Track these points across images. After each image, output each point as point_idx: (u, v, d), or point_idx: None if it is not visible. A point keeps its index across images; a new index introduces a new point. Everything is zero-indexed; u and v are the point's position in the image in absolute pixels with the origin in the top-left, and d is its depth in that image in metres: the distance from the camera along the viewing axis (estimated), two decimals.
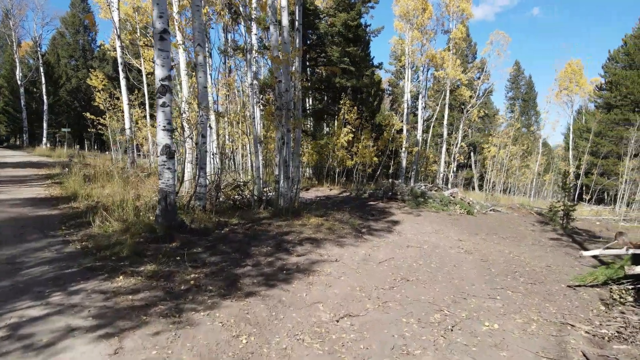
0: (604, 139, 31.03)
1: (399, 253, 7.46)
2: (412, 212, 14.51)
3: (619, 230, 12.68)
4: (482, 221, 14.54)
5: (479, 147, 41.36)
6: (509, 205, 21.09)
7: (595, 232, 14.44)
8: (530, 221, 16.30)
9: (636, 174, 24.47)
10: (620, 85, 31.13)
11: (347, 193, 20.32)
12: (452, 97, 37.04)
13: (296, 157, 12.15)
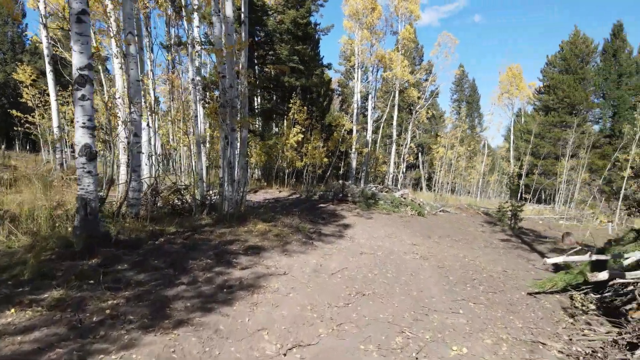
0: (544, 140, 32.30)
1: (353, 262, 6.92)
2: (364, 214, 14.10)
3: (565, 231, 12.88)
4: (433, 222, 14.38)
5: (427, 147, 42.08)
6: (457, 205, 21.27)
7: (540, 232, 14.67)
8: (479, 221, 16.38)
9: (574, 173, 25.52)
10: (557, 89, 32.55)
11: (297, 195, 19.70)
12: (400, 98, 37.35)
13: (242, 158, 11.37)
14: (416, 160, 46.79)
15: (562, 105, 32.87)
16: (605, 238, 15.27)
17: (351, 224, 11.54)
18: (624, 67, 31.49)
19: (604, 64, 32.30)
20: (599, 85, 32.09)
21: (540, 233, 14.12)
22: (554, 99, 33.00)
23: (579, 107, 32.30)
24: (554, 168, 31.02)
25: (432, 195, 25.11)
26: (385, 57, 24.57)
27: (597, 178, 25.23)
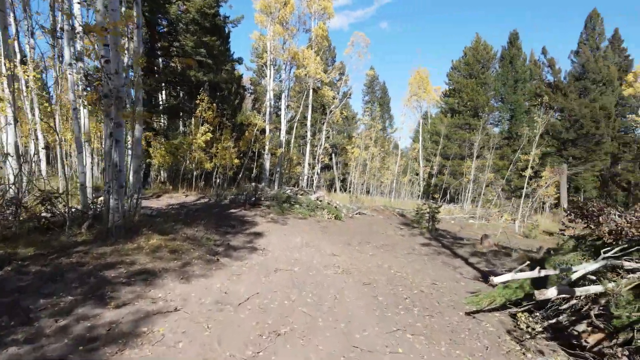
0: (450, 142, 33.58)
1: (266, 283, 5.81)
2: (278, 220, 13.03)
3: (484, 234, 12.83)
4: (351, 226, 13.70)
5: (340, 148, 42.09)
6: (373, 207, 20.99)
7: (456, 233, 14.64)
8: (396, 223, 16.07)
9: (479, 173, 26.62)
10: (462, 92, 34.01)
11: (206, 199, 18.13)
12: (314, 98, 36.82)
13: (136, 159, 9.72)
14: (330, 161, 46.74)
15: (466, 108, 34.45)
16: (515, 237, 15.71)
17: (265, 232, 10.40)
18: (520, 74, 33.82)
19: (502, 70, 34.46)
20: (498, 90, 34.16)
21: (457, 234, 14.06)
22: (459, 101, 34.49)
23: (481, 110, 34.06)
24: (461, 168, 32.34)
25: (347, 196, 24.72)
26: (299, 54, 23.70)
27: (499, 178, 26.53)
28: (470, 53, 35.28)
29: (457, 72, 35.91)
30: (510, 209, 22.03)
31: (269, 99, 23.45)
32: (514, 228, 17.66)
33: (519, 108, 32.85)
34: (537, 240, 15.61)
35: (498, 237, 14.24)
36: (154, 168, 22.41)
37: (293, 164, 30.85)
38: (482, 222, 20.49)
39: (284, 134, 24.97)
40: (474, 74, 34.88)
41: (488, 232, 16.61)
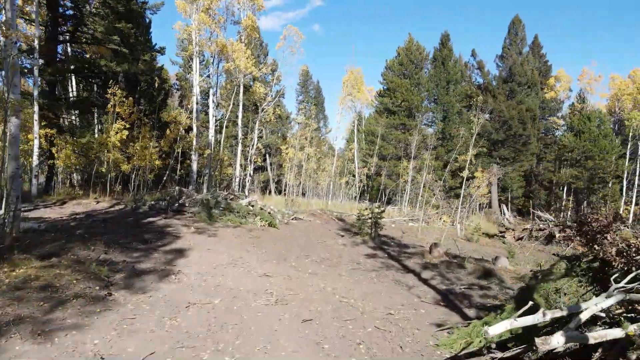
0: (385, 142, 33.19)
1: (170, 330, 4.26)
2: (205, 230, 11.36)
3: (433, 242, 11.91)
4: (287, 234, 12.30)
5: (275, 149, 40.49)
6: (310, 211, 19.74)
7: (399, 239, 13.71)
8: (335, 229, 14.89)
9: (417, 174, 26.26)
10: (396, 92, 33.77)
11: (122, 206, 15.97)
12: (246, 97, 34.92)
13: (13, 162, 7.66)
14: (264, 162, 44.97)
15: (401, 108, 34.28)
16: (459, 240, 15.08)
17: (186, 247, 8.72)
18: (452, 75, 34.22)
19: (434, 71, 34.70)
20: (431, 91, 34.28)
21: (401, 241, 13.12)
22: (393, 101, 34.23)
23: (416, 110, 34.03)
24: (397, 169, 32.00)
25: (282, 199, 23.26)
26: (227, 47, 21.88)
27: (437, 179, 26.34)
28: (403, 53, 35.18)
29: (392, 71, 35.68)
30: (448, 211, 21.69)
31: (195, 94, 21.43)
32: (455, 231, 17.12)
33: (452, 109, 33.20)
34: (480, 244, 15.13)
35: (443, 242, 13.49)
36: (60, 171, 19.56)
37: (224, 165, 28.85)
38: (422, 225, 19.91)
39: (213, 133, 23.03)
40: (408, 74, 34.82)
41: (430, 235, 15.92)
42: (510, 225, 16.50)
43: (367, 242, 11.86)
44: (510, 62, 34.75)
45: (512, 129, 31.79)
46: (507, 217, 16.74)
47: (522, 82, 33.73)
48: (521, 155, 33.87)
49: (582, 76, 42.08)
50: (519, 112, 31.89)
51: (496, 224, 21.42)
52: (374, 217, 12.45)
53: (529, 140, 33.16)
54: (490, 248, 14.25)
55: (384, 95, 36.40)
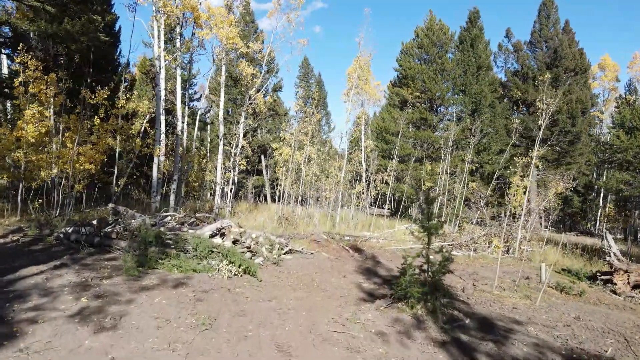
0: (404, 141, 27.57)
1: None
2: (117, 295, 5.86)
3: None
4: (269, 296, 6.63)
5: (271, 149, 34.95)
6: (312, 235, 14.14)
7: (468, 299, 8.03)
8: (353, 277, 9.25)
9: (450, 181, 20.66)
10: (416, 80, 28.19)
11: (22, 233, 10.59)
12: (237, 90, 29.42)
13: None
14: (259, 164, 39.46)
15: (421, 99, 28.69)
16: (549, 291, 9.38)
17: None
18: (482, 59, 28.61)
19: (461, 55, 29.02)
20: (457, 79, 28.60)
21: (479, 311, 7.39)
22: (412, 92, 28.62)
23: (440, 102, 28.46)
24: (417, 173, 26.36)
25: (274, 214, 17.64)
26: (201, 14, 16.37)
27: (482, 188, 20.67)
28: (423, 34, 29.59)
29: (409, 56, 30.07)
30: (497, 231, 16.05)
31: (160, 68, 15.83)
32: (541, 273, 11.40)
33: (484, 100, 27.51)
34: (588, 300, 9.41)
35: (527, 292, 7.88)
36: None
37: (204, 169, 23.35)
38: (468, 254, 14.32)
39: (185, 127, 17.44)
40: (429, 59, 29.21)
41: (491, 274, 10.25)
42: (621, 263, 10.80)
43: (423, 325, 6.27)
44: (556, 42, 29.06)
45: (559, 125, 26.13)
46: (614, 250, 10.96)
47: (570, 68, 28.07)
48: (567, 157, 28.25)
49: (634, 62, 36.42)
50: (567, 104, 26.28)
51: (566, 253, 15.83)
52: (437, 270, 6.79)
53: (578, 138, 27.55)
54: (626, 313, 8.63)
55: (398, 84, 30.79)
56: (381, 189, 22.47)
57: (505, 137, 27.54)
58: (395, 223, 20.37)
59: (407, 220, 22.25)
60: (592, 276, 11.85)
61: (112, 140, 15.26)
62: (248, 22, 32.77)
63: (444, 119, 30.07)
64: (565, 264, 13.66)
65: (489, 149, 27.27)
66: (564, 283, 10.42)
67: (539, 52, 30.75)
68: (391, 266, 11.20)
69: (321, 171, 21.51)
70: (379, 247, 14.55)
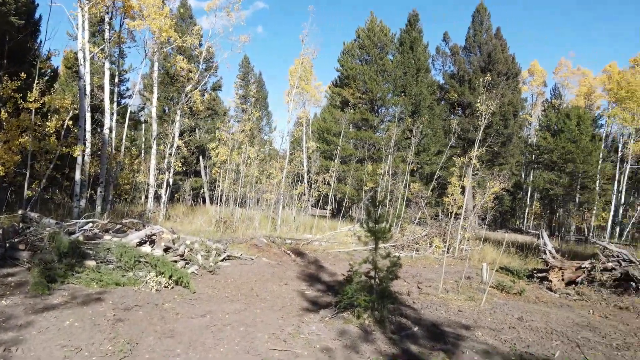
0: (345, 141, 27.46)
1: None
2: (20, 314, 4.97)
3: None
4: (203, 310, 5.96)
5: (209, 150, 33.71)
6: (251, 239, 13.49)
7: (413, 303, 7.78)
8: (296, 285, 8.76)
9: (392, 182, 20.72)
10: (357, 81, 28.21)
11: None
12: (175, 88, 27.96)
13: None
14: (197, 164, 37.98)
15: (362, 100, 28.75)
16: (492, 292, 9.38)
17: None
18: (422, 62, 29.14)
19: (401, 57, 29.40)
20: (398, 80, 28.92)
21: (427, 316, 7.11)
22: (354, 92, 28.61)
23: (380, 102, 28.65)
24: (359, 174, 26.35)
25: (212, 218, 16.79)
26: (131, 1, 15.21)
27: (423, 188, 20.86)
28: (364, 35, 29.69)
29: (350, 56, 30.06)
30: (439, 231, 16.18)
31: (84, 60, 14.48)
32: (482, 273, 11.44)
33: (423, 101, 28.01)
34: (538, 299, 9.51)
35: (471, 294, 7.81)
36: None
37: (135, 170, 21.91)
38: (410, 255, 14.29)
39: (110, 123, 16.13)
40: (371, 59, 29.32)
41: (435, 274, 10.15)
42: (556, 260, 11.08)
43: (371, 337, 5.89)
44: (490, 47, 30.19)
45: (493, 127, 27.15)
46: (549, 248, 11.23)
47: (502, 72, 29.27)
48: (500, 157, 29.47)
49: (559, 69, 38.75)
50: (500, 107, 27.35)
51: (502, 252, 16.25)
52: (385, 276, 6.42)
53: (510, 140, 28.79)
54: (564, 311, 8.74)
55: (340, 85, 30.71)
56: (323, 190, 22.17)
57: (443, 138, 28.25)
58: (337, 224, 20.14)
59: (349, 221, 22.11)
60: (530, 274, 12.15)
61: (24, 138, 13.71)
62: (186, 18, 31.43)
63: (384, 119, 30.37)
64: (503, 262, 13.95)
65: (428, 149, 27.81)
66: (504, 282, 10.52)
67: (474, 57, 31.86)
68: (335, 270, 10.83)
69: (261, 172, 20.86)
70: (322, 250, 14.17)
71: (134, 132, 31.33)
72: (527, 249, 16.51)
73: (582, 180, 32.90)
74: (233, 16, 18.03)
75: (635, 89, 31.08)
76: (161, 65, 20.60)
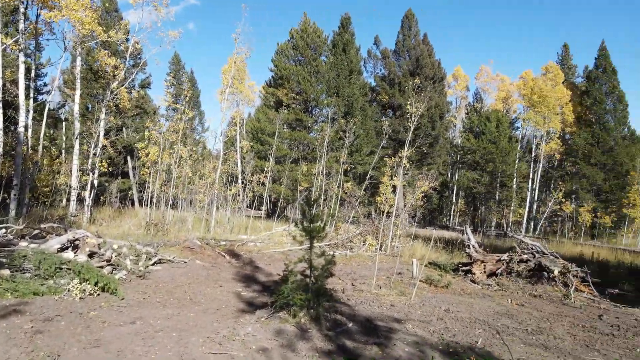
0: (280, 142, 27.46)
1: None
2: None
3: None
4: (132, 317, 5.73)
5: (138, 150, 32.24)
6: (185, 241, 13.09)
7: (348, 299, 7.95)
8: (231, 286, 8.66)
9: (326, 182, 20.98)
10: (291, 81, 28.30)
11: None
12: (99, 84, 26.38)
13: None
14: (125, 165, 36.19)
15: (296, 101, 28.88)
16: (421, 286, 9.83)
17: None
18: (354, 64, 29.81)
19: (334, 58, 29.91)
20: (331, 81, 29.37)
21: (360, 311, 7.29)
22: (288, 93, 28.66)
23: (314, 103, 28.93)
24: (294, 174, 26.45)
25: (142, 220, 16.13)
26: None
27: (356, 188, 21.30)
28: (298, 36, 29.85)
29: (284, 57, 30.08)
30: (372, 230, 16.64)
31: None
32: (412, 269, 11.90)
33: (356, 103, 28.67)
34: (463, 291, 10.07)
35: (400, 288, 8.16)
36: None
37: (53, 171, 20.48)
38: (349, 253, 14.57)
39: (25, 121, 14.98)
40: (305, 61, 29.53)
41: (367, 271, 10.46)
42: (478, 254, 11.80)
43: (307, 335, 5.95)
44: (418, 52, 31.52)
45: (421, 128, 28.37)
46: (472, 243, 11.95)
47: (430, 76, 30.69)
48: (428, 158, 30.86)
49: (480, 74, 41.27)
50: (428, 109, 28.64)
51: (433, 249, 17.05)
52: (320, 274, 6.51)
53: (437, 141, 30.23)
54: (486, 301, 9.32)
55: (275, 85, 30.64)
56: (258, 190, 22.02)
57: (375, 139, 29.07)
58: (272, 225, 20.09)
59: (284, 222, 22.12)
60: (456, 268, 12.85)
61: None
62: (111, 11, 29.83)
63: (318, 120, 30.72)
64: (431, 258, 14.60)
65: (360, 150, 28.51)
66: (433, 276, 11.04)
67: (403, 61, 33.13)
68: (271, 270, 10.80)
69: (194, 173, 20.32)
70: (257, 250, 14.08)
71: (53, 131, 29.23)
72: (453, 244, 17.42)
73: (501, 178, 35.31)
74: (162, 11, 17.40)
75: (547, 95, 33.93)
76: (84, 60, 19.42)
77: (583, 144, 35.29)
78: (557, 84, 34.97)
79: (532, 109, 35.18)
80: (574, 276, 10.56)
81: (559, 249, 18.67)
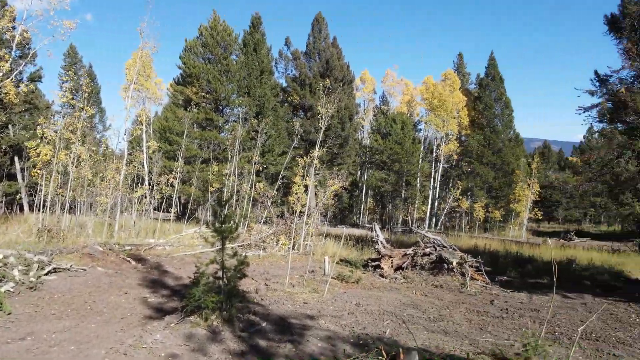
0: (190, 142, 26.57)
1: None
2: None
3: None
4: (23, 333, 5.27)
5: (28, 150, 29.27)
6: (85, 247, 12.17)
7: (261, 300, 7.94)
8: (137, 292, 8.27)
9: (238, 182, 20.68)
10: (201, 80, 27.52)
11: None
12: None
13: None
14: (12, 165, 32.68)
15: (207, 100, 28.11)
16: (333, 283, 10.08)
17: None
18: (265, 64, 29.71)
19: (245, 58, 29.55)
20: (242, 81, 29.01)
21: (274, 310, 7.29)
22: (197, 91, 27.79)
23: (225, 103, 28.36)
24: (205, 174, 25.74)
25: (33, 227, 14.72)
26: None
27: (268, 187, 21.21)
28: (207, 33, 29.03)
29: (193, 54, 29.08)
30: (284, 228, 16.75)
31: None
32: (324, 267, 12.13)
33: (267, 103, 28.60)
34: (373, 286, 10.50)
35: (316, 286, 8.40)
36: None
37: None
38: (262, 254, 14.53)
39: None
40: (214, 59, 28.81)
41: (280, 272, 10.53)
42: (386, 250, 12.41)
43: (220, 337, 5.83)
44: (328, 54, 32.24)
45: (332, 129, 29.10)
46: (381, 239, 12.55)
47: (339, 78, 31.56)
48: (339, 158, 31.71)
49: (386, 78, 43.21)
50: (338, 111, 29.43)
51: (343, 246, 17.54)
52: (233, 275, 6.40)
53: (347, 141, 31.16)
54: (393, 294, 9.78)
55: (183, 83, 29.53)
56: (166, 191, 21.07)
57: (287, 139, 29.26)
58: (182, 227, 19.37)
59: (195, 224, 21.45)
60: (365, 263, 13.38)
61: None
62: None
63: (229, 120, 30.17)
64: (342, 255, 15.05)
65: (272, 150, 28.50)
66: (344, 273, 11.40)
67: (314, 62, 33.70)
68: (181, 274, 10.43)
69: (95, 174, 18.91)
70: (166, 254, 13.50)
71: None
72: (363, 241, 18.10)
73: (406, 178, 37.39)
74: None
75: (445, 100, 36.59)
76: None
77: (476, 146, 38.83)
78: (455, 89, 38.02)
79: (433, 112, 37.76)
80: (469, 266, 11.52)
81: (457, 242, 20.28)
